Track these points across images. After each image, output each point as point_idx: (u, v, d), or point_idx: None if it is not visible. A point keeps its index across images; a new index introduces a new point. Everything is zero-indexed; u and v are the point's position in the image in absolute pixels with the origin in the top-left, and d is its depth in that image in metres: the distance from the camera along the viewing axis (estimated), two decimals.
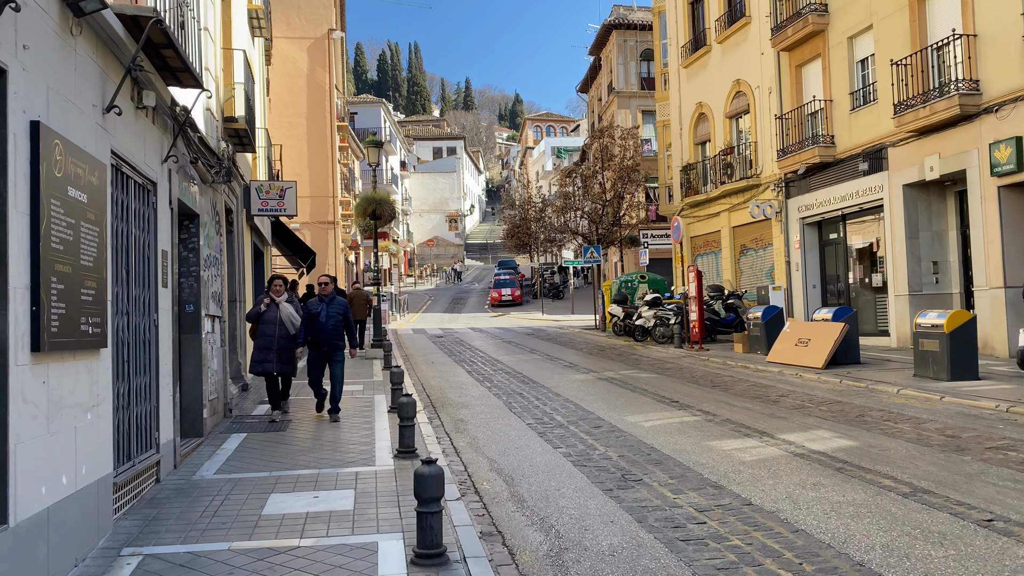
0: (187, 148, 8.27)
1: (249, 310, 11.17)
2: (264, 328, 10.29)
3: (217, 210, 10.67)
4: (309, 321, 10.48)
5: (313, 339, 10.59)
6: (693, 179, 27.58)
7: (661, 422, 9.83)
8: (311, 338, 10.58)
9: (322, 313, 10.51)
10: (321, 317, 10.46)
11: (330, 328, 10.52)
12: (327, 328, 10.50)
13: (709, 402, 11.30)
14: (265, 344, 10.25)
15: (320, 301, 10.61)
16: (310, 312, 10.51)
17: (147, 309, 7.00)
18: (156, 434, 7.13)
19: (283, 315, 10.27)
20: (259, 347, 10.30)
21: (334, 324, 10.55)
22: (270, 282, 10.63)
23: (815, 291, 21.86)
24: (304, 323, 10.47)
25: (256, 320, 10.40)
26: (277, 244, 23.08)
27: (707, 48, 26.81)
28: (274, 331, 10.25)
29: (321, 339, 10.56)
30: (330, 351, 10.65)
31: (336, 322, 10.59)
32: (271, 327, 10.26)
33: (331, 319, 10.52)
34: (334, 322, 10.55)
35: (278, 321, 10.28)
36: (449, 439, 9.19)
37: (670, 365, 16.60)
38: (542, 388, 13.43)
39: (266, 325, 10.27)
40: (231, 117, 12.06)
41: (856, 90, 19.57)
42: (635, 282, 26.22)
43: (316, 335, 10.54)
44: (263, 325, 10.30)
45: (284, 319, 10.27)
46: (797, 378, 13.69)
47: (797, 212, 22.02)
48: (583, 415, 10.54)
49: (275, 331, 10.25)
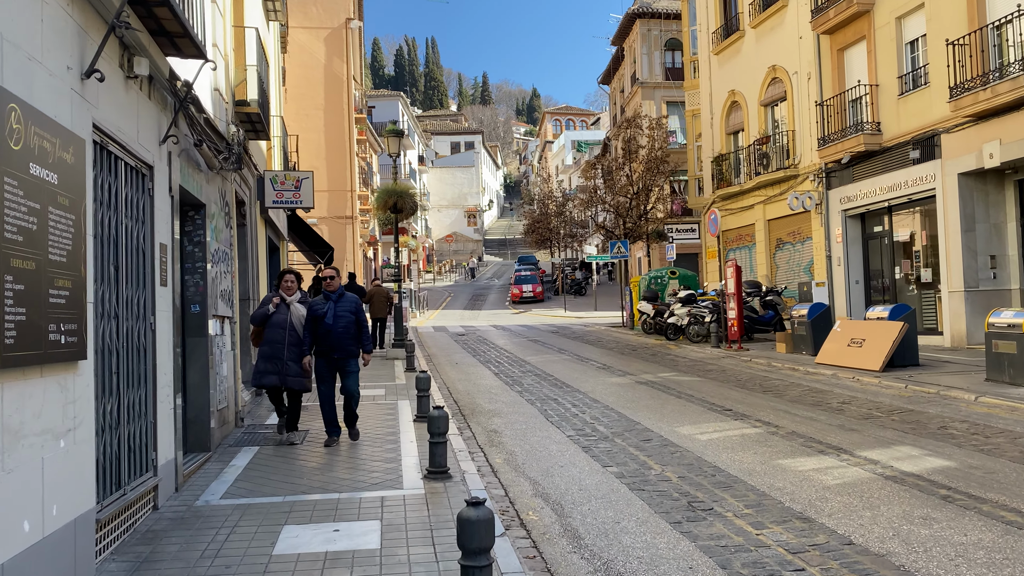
0: (190, 129, 7.35)
1: (254, 311, 9.39)
2: (271, 333, 8.77)
3: (227, 200, 9.75)
4: (314, 324, 8.75)
5: (319, 346, 8.82)
6: (725, 170, 26.45)
7: (718, 435, 8.82)
8: (318, 345, 8.83)
9: (328, 313, 8.71)
10: (328, 318, 8.68)
11: (340, 331, 8.69)
12: (336, 332, 8.68)
13: (765, 410, 10.27)
14: (272, 352, 8.72)
15: (326, 299, 8.81)
16: (314, 313, 8.75)
17: (142, 311, 6.08)
18: (153, 454, 6.21)
19: (294, 318, 8.84)
20: (264, 355, 8.79)
21: (344, 326, 8.72)
22: (280, 277, 9.11)
23: (858, 287, 20.71)
24: (307, 327, 8.78)
25: (262, 323, 8.88)
26: (294, 239, 22.22)
27: (740, 33, 25.65)
28: (283, 337, 8.73)
29: (329, 345, 8.74)
30: (341, 360, 8.81)
31: (347, 323, 8.74)
32: (279, 332, 8.75)
33: (340, 320, 8.71)
34: (344, 324, 8.72)
35: (288, 325, 8.79)
36: (483, 454, 8.23)
37: (711, 367, 15.55)
38: (577, 393, 12.45)
39: (274, 330, 8.76)
40: (243, 100, 11.15)
41: (905, 73, 18.39)
42: (665, 278, 25.15)
43: (323, 341, 8.75)
44: (270, 329, 8.78)
45: (296, 323, 8.83)
46: (855, 382, 12.62)
47: (839, 204, 20.86)
48: (628, 425, 9.55)
49: (284, 337, 8.73)
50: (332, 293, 8.82)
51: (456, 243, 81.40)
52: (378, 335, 21.50)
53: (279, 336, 8.75)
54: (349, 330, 8.76)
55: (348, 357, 8.84)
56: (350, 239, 33.38)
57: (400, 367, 16.39)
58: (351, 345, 8.82)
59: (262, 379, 8.79)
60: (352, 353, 8.85)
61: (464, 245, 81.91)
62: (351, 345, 8.82)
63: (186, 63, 6.95)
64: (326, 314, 8.72)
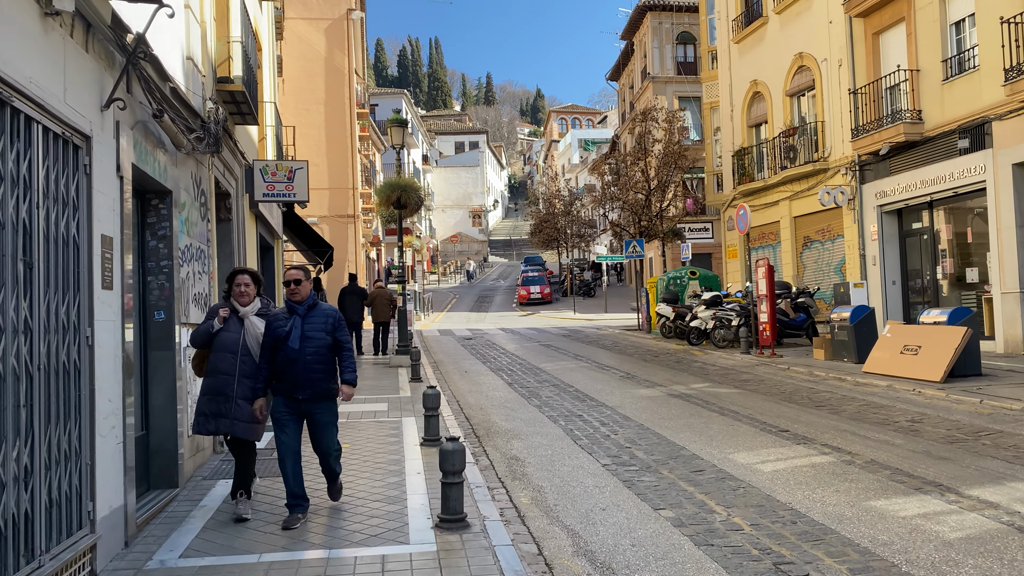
0: (147, 96, 5.98)
1: (194, 329, 6.55)
2: (218, 360, 6.16)
3: (203, 189, 8.39)
4: (271, 349, 6.06)
5: (279, 381, 6.06)
6: (747, 165, 25.03)
7: (783, 464, 7.43)
8: (277, 380, 6.08)
9: (293, 334, 6.00)
10: (291, 341, 5.98)
11: (308, 360, 6.00)
12: (302, 361, 5.98)
13: (827, 431, 8.88)
14: (217, 387, 6.11)
15: (290, 313, 6.14)
16: (273, 333, 6.07)
17: (72, 323, 4.72)
18: (89, 506, 4.85)
19: (250, 338, 6.20)
20: (207, 391, 6.19)
21: (315, 353, 6.02)
22: (230, 280, 6.39)
23: (895, 288, 19.30)
24: (263, 353, 6.11)
25: (205, 345, 6.29)
26: (291, 238, 20.89)
27: (763, 20, 24.25)
28: (233, 365, 6.13)
29: (292, 381, 6.00)
30: (310, 402, 6.06)
31: (319, 348, 6.04)
32: (228, 359, 6.14)
33: (310, 344, 6.00)
34: (315, 349, 6.02)
35: (241, 348, 6.17)
36: (505, 491, 6.84)
37: (746, 376, 14.15)
38: (604, 408, 11.06)
39: (221, 355, 6.16)
40: (226, 77, 9.80)
41: (950, 57, 16.98)
42: (684, 279, 23.75)
43: (284, 374, 6.01)
44: (216, 354, 6.17)
45: (252, 344, 6.19)
46: (917, 395, 11.22)
47: (873, 199, 19.45)
48: (671, 451, 8.17)
49: (235, 365, 6.13)
50: (299, 305, 6.12)
51: (461, 243, 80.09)
52: (380, 340, 20.14)
53: (227, 364, 6.13)
54: (322, 358, 6.05)
55: (320, 399, 6.09)
56: (352, 239, 32.04)
57: (404, 376, 15.03)
58: (324, 381, 6.08)
59: (204, 425, 6.17)
60: (325, 393, 6.11)
61: (469, 246, 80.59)
62: (324, 381, 6.08)
63: (138, 8, 5.58)
64: (289, 335, 6.00)
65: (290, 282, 6.16)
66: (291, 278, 6.17)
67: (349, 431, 9.44)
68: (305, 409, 6.12)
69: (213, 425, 6.15)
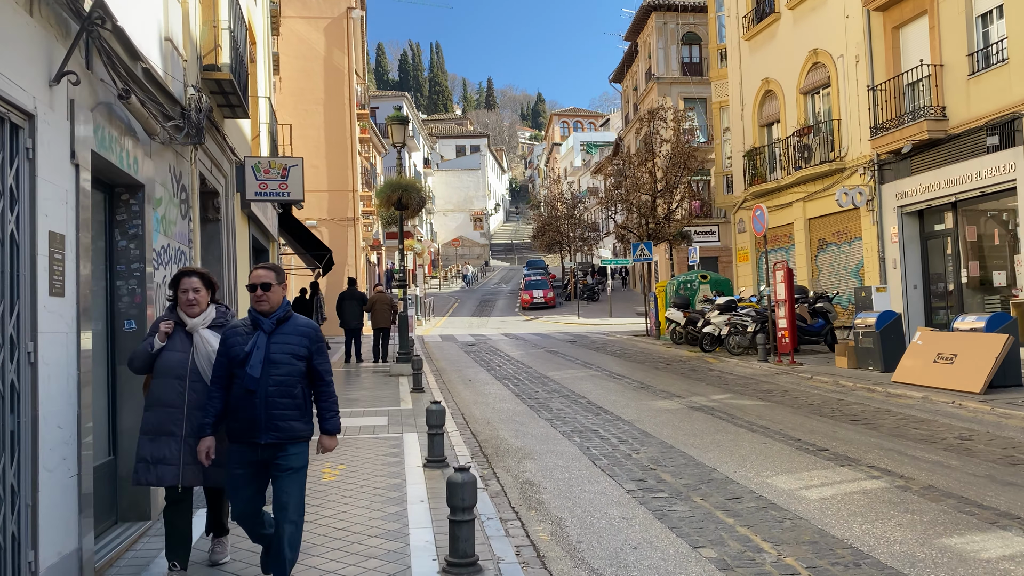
0: (111, 73, 5.21)
1: (136, 349, 4.97)
2: (161, 388, 4.69)
3: (183, 185, 7.61)
4: (225, 374, 4.51)
5: (234, 420, 4.49)
6: (759, 165, 24.26)
7: (830, 490, 6.63)
8: (230, 418, 4.52)
9: (253, 356, 4.42)
10: (250, 367, 4.40)
11: (272, 392, 4.42)
12: (264, 393, 4.40)
13: (870, 449, 8.08)
14: (160, 423, 4.64)
15: (254, 328, 4.53)
16: (228, 354, 4.50)
17: (6, 338, 3.94)
18: (31, 556, 4.06)
19: (202, 358, 4.72)
20: (149, 428, 4.67)
21: (283, 383, 4.45)
22: (174, 283, 4.87)
23: (916, 292, 18.50)
24: (218, 377, 4.52)
25: (147, 370, 4.80)
26: (288, 241, 20.14)
27: (775, 16, 23.50)
28: (181, 394, 4.66)
29: (250, 420, 4.41)
30: (272, 448, 4.44)
31: (287, 376, 4.47)
32: (174, 386, 4.66)
33: (275, 371, 4.43)
34: (282, 377, 4.45)
35: (191, 371, 4.70)
36: (521, 523, 6.05)
37: (768, 386, 13.35)
38: (620, 422, 10.27)
39: (165, 381, 4.68)
40: (212, 65, 9.04)
41: (976, 51, 16.20)
42: (695, 283, 22.95)
43: (240, 410, 4.44)
44: (159, 381, 4.71)
45: (204, 366, 4.70)
46: (957, 408, 10.42)
47: (893, 199, 18.67)
48: (702, 474, 7.37)
49: (182, 394, 4.67)
50: (265, 317, 4.50)
51: (462, 247, 79.35)
52: (380, 347, 19.35)
53: (173, 393, 4.65)
54: (290, 391, 4.45)
55: (286, 441, 4.42)
56: (352, 242, 31.26)
57: (405, 386, 14.23)
58: (293, 420, 4.44)
59: (145, 474, 4.62)
60: (294, 434, 4.45)
61: (471, 249, 79.84)
62: (293, 420, 4.44)
63: None
64: (248, 357, 4.39)
65: (255, 286, 4.47)
66: (257, 280, 4.48)
67: (345, 449, 8.66)
68: (267, 456, 4.43)
69: (155, 474, 4.59)
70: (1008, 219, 15.84)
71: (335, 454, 8.31)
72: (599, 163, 58.47)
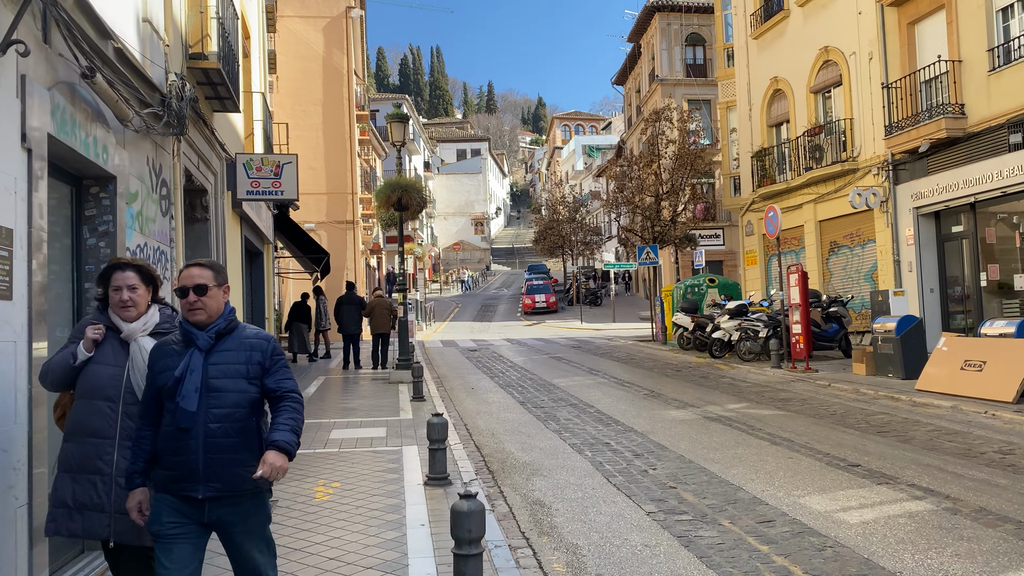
0: (75, 50, 4.63)
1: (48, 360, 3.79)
2: (86, 412, 3.64)
3: (164, 179, 7.03)
4: (153, 404, 3.43)
5: (164, 466, 3.36)
6: (768, 166, 23.67)
7: (871, 512, 6.03)
8: (159, 464, 3.38)
9: (187, 382, 3.31)
10: (183, 397, 3.30)
11: (214, 430, 3.31)
12: (202, 431, 3.30)
13: (906, 465, 7.48)
14: (84, 457, 3.60)
15: (187, 344, 3.40)
16: (155, 382, 3.40)
17: None
18: None
19: (138, 373, 3.66)
20: (69, 464, 3.62)
21: (229, 416, 3.35)
22: (104, 278, 3.79)
23: (933, 296, 17.90)
24: (148, 410, 3.44)
25: (67, 386, 3.75)
26: (285, 243, 19.59)
27: (784, 13, 22.94)
28: (112, 421, 3.63)
29: (186, 465, 3.30)
30: (219, 505, 3.35)
31: (236, 408, 3.37)
32: (103, 409, 3.63)
33: (219, 402, 3.34)
34: (229, 411, 3.35)
35: (125, 390, 3.66)
36: (532, 552, 5.45)
37: (786, 394, 12.75)
38: (632, 433, 9.67)
39: (91, 405, 3.64)
40: (199, 54, 8.47)
41: (997, 46, 15.63)
42: (703, 287, 22.37)
43: (172, 453, 3.32)
44: (83, 404, 3.66)
45: (140, 381, 3.62)
46: (991, 418, 9.81)
47: (909, 200, 18.09)
48: (726, 493, 6.77)
49: (114, 421, 3.63)
50: (200, 330, 3.42)
51: (463, 251, 78.79)
52: (380, 353, 18.75)
53: (101, 418, 3.62)
54: (238, 427, 3.37)
55: (234, 495, 3.36)
56: (351, 246, 30.68)
57: (405, 394, 13.64)
58: (242, 463, 3.35)
59: (66, 523, 3.59)
60: (241, 486, 3.35)
61: (471, 253, 79.30)
62: (242, 463, 3.35)
63: None
64: (180, 383, 3.33)
65: (187, 289, 3.35)
66: (189, 281, 3.36)
67: (340, 464, 8.07)
68: (212, 517, 3.35)
69: (80, 523, 3.56)
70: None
71: (329, 470, 7.73)
72: (601, 166, 57.97)
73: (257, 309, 14.42)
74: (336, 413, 11.61)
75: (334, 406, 12.43)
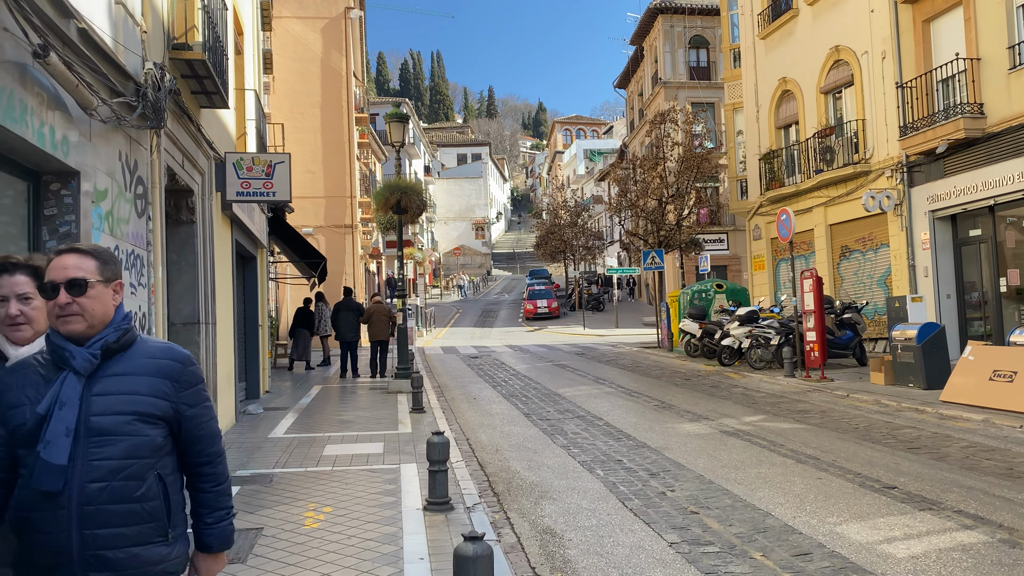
0: (24, 23, 4.06)
1: None
2: None
3: (140, 176, 6.46)
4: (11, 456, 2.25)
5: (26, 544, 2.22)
6: (776, 169, 23.11)
7: (919, 544, 5.44)
8: (21, 542, 2.22)
9: (53, 423, 2.19)
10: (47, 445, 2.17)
11: (93, 494, 2.19)
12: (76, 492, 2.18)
13: (947, 487, 6.89)
14: None
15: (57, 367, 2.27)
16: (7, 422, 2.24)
17: None
18: None
19: None
20: None
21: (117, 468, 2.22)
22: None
23: (949, 302, 17.33)
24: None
25: None
26: (281, 247, 19.02)
27: (793, 13, 22.41)
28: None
29: (53, 547, 2.18)
30: None
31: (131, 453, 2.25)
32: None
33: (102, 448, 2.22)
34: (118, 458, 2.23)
35: None
36: None
37: (803, 406, 12.16)
38: (646, 450, 9.08)
39: None
40: (183, 44, 7.91)
41: (1018, 43, 15.09)
42: (710, 292, 21.78)
43: (36, 527, 2.19)
44: None
45: None
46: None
47: (924, 203, 17.54)
48: (755, 519, 6.18)
49: None
50: (77, 344, 2.28)
51: (464, 256, 78.23)
52: (378, 361, 18.15)
53: None
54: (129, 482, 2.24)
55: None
56: (350, 251, 30.11)
57: (404, 405, 13.05)
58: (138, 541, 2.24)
59: None
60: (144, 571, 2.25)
61: (472, 258, 78.74)
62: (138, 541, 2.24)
63: None
64: (44, 425, 2.20)
65: (56, 285, 2.28)
66: (60, 276, 2.28)
67: (333, 485, 7.48)
68: None
69: None
70: None
71: (321, 492, 7.14)
72: (603, 170, 57.44)
73: (250, 317, 13.84)
74: (331, 426, 11.02)
75: (329, 419, 11.84)
